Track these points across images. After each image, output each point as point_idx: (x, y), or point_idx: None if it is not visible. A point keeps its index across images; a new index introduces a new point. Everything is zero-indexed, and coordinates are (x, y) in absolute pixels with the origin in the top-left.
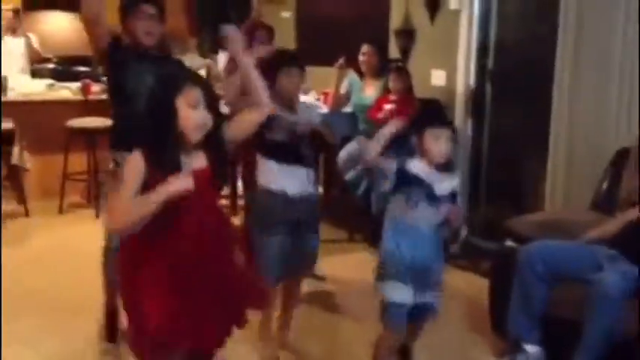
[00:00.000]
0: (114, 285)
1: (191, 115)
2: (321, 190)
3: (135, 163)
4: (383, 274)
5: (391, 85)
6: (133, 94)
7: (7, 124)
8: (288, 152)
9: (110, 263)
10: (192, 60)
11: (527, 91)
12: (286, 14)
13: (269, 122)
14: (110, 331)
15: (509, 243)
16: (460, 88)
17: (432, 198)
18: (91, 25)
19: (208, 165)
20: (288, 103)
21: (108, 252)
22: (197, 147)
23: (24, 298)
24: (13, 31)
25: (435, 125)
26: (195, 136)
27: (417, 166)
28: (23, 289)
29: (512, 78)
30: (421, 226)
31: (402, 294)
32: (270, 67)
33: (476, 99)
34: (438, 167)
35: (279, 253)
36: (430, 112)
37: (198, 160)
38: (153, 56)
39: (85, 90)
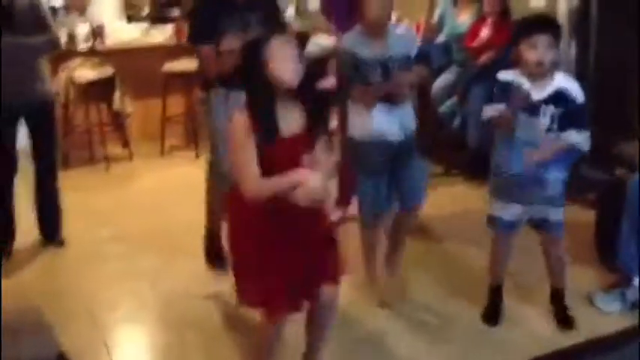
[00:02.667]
0: (216, 212)
1: (284, 62)
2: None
3: (241, 124)
4: (492, 188)
5: (486, 8)
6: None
7: (108, 71)
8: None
9: (212, 193)
10: None
11: (635, 10)
12: None
13: (359, 65)
14: (212, 256)
15: (619, 171)
16: (562, 8)
17: (530, 107)
18: None
19: (306, 125)
20: (377, 31)
21: (211, 182)
22: (295, 103)
23: (136, 239)
24: None
25: (530, 33)
26: (291, 81)
27: (509, 75)
28: (134, 229)
29: None
30: (523, 138)
31: (501, 210)
32: None
33: (579, 20)
34: (537, 76)
35: (374, 194)
36: (526, 21)
37: (295, 123)
38: (241, 5)
39: (177, 33)
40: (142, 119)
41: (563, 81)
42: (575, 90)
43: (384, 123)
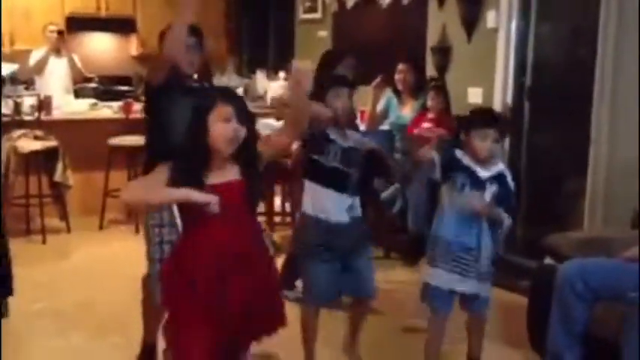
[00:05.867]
0: (152, 318)
1: (223, 128)
2: None
3: (159, 173)
4: (429, 258)
5: (429, 103)
6: (168, 123)
7: (51, 142)
8: (337, 179)
9: (150, 295)
10: (231, 79)
11: (566, 109)
12: (323, 33)
13: (321, 146)
14: None
15: (548, 261)
16: (497, 105)
17: (478, 182)
18: (162, 62)
19: (242, 178)
20: (340, 124)
21: (147, 283)
22: (231, 161)
23: (70, 314)
24: (58, 52)
25: (481, 126)
26: (227, 148)
27: (461, 155)
28: (69, 304)
29: (550, 95)
30: (467, 211)
31: (441, 278)
32: (321, 88)
33: (514, 117)
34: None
35: (325, 280)
36: (478, 113)
37: (231, 173)
38: (192, 87)
39: (126, 109)
40: (83, 192)
41: (503, 167)
42: (509, 177)
43: (333, 207)
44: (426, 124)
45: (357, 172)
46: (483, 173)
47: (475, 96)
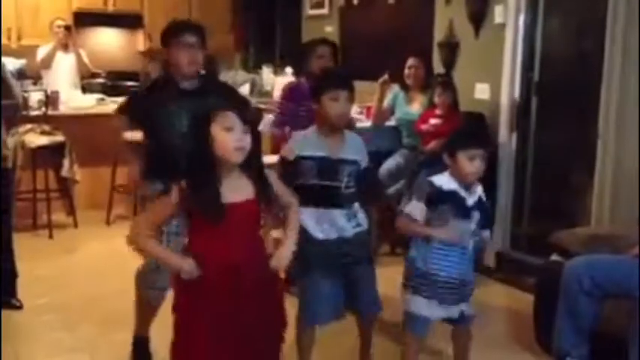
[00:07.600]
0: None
1: (227, 137)
2: None
3: (167, 200)
4: (409, 286)
5: (437, 99)
6: (168, 130)
7: (58, 137)
8: (326, 196)
9: (143, 286)
10: (237, 75)
11: (573, 104)
12: (330, 28)
13: (293, 172)
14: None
15: (554, 257)
16: (505, 101)
17: (464, 210)
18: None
19: (255, 197)
20: (334, 131)
21: (141, 276)
22: (243, 174)
23: (76, 308)
24: (65, 47)
25: (468, 146)
26: (235, 157)
27: (445, 182)
28: (75, 298)
29: (558, 91)
30: (453, 242)
31: (425, 308)
32: (316, 88)
33: (521, 112)
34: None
35: (320, 296)
36: (464, 132)
37: (246, 189)
38: (191, 91)
39: None
40: (90, 187)
41: (480, 189)
42: (484, 197)
43: (326, 225)
44: (433, 121)
45: (344, 183)
46: (469, 199)
47: (482, 92)
